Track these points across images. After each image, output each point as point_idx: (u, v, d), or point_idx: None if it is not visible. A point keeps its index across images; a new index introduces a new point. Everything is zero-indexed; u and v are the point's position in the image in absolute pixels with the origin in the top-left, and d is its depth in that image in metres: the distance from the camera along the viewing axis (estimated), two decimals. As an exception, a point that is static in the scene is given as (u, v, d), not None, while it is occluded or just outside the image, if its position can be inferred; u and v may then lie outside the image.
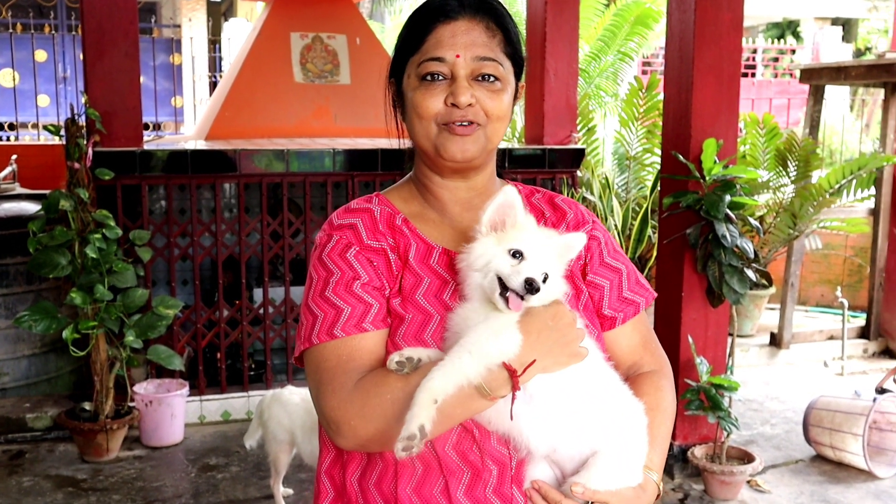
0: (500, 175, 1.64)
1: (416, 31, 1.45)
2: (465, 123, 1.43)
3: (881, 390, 5.01)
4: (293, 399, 3.71)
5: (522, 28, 5.93)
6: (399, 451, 1.23)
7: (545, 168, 5.30)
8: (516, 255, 1.32)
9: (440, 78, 1.42)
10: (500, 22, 1.45)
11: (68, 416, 4.52)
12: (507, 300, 1.30)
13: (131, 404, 4.60)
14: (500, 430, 1.36)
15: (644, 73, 13.07)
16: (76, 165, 4.34)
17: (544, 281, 1.32)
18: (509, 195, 1.36)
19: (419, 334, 1.38)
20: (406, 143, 1.55)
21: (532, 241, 1.34)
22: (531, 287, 1.28)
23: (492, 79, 1.43)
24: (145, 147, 4.72)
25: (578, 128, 6.16)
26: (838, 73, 6.14)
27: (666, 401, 1.54)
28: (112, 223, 4.36)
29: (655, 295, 1.63)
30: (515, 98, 1.51)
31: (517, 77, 1.50)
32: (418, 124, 1.45)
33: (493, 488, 1.37)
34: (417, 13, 1.48)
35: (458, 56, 1.41)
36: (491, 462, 1.37)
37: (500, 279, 1.31)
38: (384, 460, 1.40)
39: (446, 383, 1.26)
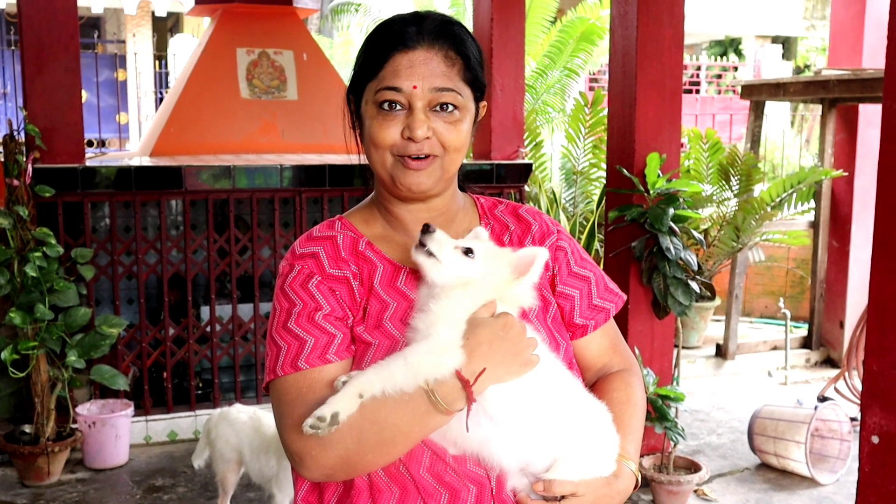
0: (462, 188, 1.65)
1: (375, 57, 1.43)
2: (420, 157, 1.42)
3: (822, 398, 5.11)
4: (241, 418, 3.67)
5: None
6: (306, 426, 1.26)
7: (493, 183, 5.32)
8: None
9: (397, 108, 1.41)
10: (459, 49, 1.43)
11: (7, 439, 4.39)
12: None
13: (74, 426, 4.50)
14: (467, 451, 1.35)
15: (591, 89, 13.23)
16: (15, 182, 4.25)
17: (467, 254, 1.36)
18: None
19: None
20: (364, 160, 1.55)
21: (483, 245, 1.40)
22: (426, 229, 1.35)
23: (450, 108, 1.42)
24: (87, 163, 4.64)
25: (526, 143, 6.21)
26: (777, 90, 6.29)
27: (636, 395, 1.57)
28: (53, 241, 4.27)
29: (625, 298, 1.64)
30: (477, 119, 1.51)
31: (478, 100, 1.49)
32: (375, 153, 1.45)
33: None
34: (377, 36, 1.45)
35: (415, 87, 1.39)
36: (469, 482, 1.36)
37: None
38: (360, 485, 1.38)
39: (374, 380, 1.28)
